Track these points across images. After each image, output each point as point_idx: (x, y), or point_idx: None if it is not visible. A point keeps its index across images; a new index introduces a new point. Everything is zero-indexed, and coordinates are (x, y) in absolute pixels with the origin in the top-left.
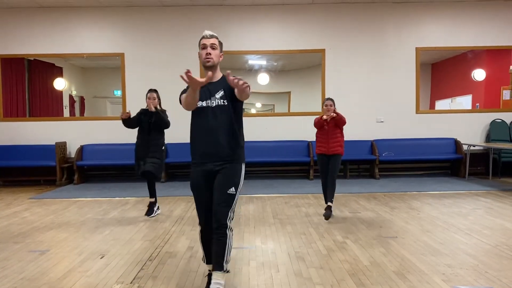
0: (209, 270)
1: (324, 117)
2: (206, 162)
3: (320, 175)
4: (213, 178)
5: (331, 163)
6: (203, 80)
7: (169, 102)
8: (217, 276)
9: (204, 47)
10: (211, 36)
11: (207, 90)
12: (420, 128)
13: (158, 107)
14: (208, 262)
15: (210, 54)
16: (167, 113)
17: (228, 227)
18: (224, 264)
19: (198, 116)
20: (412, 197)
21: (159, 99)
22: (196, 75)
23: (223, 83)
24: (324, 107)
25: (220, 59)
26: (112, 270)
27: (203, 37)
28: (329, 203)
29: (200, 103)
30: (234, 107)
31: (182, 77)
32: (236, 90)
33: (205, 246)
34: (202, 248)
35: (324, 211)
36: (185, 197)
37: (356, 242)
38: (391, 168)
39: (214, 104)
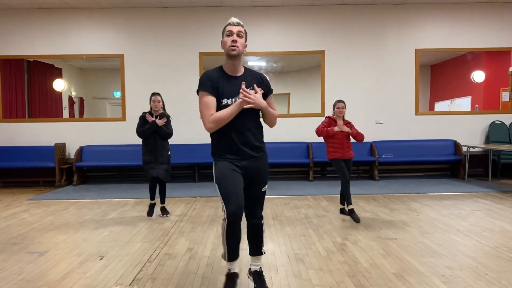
0: (229, 269)
1: (336, 129)
2: (235, 160)
3: (340, 177)
4: (243, 170)
5: (346, 166)
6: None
7: (169, 103)
8: (257, 260)
9: (229, 34)
10: (238, 24)
11: (232, 86)
12: (420, 130)
13: (161, 110)
14: (232, 259)
15: (236, 41)
16: (170, 118)
17: (262, 220)
18: (263, 248)
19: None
20: (412, 198)
21: (162, 102)
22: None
23: (251, 80)
24: (335, 109)
25: (245, 49)
26: (111, 272)
27: (228, 24)
28: (350, 206)
29: (225, 101)
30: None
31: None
32: (262, 116)
33: (232, 241)
34: (226, 244)
35: (349, 215)
36: (184, 199)
37: (356, 243)
38: (391, 170)
39: None
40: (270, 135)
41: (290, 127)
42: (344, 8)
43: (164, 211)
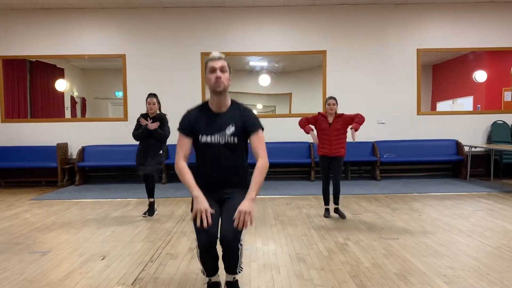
0: (209, 279)
1: (315, 140)
2: (213, 192)
3: (321, 176)
4: (221, 201)
5: (333, 165)
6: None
7: (170, 104)
8: (231, 276)
9: (212, 70)
10: (219, 58)
11: (213, 123)
12: (421, 130)
13: (157, 111)
14: (211, 275)
15: (220, 78)
16: (167, 117)
17: (240, 244)
18: (238, 269)
19: (205, 152)
20: (413, 198)
21: (159, 103)
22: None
23: (234, 115)
24: (326, 106)
25: (230, 83)
26: (113, 272)
27: (210, 60)
28: (336, 206)
29: (205, 138)
30: (244, 142)
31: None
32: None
33: (208, 263)
34: (202, 265)
35: (331, 213)
36: (186, 199)
37: (357, 243)
38: (392, 170)
39: (224, 141)
40: (272, 135)
41: (292, 127)
42: (345, 8)
43: (149, 210)
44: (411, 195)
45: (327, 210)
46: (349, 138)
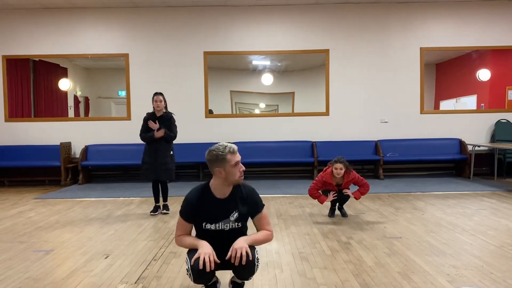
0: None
1: (330, 198)
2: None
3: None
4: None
5: (340, 194)
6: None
7: (173, 103)
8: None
9: (237, 164)
10: (237, 151)
11: (219, 209)
12: (425, 129)
13: (164, 110)
14: (207, 284)
15: (244, 170)
16: (174, 116)
17: (257, 259)
18: (249, 278)
19: (207, 236)
20: (417, 197)
21: (165, 101)
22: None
23: (237, 201)
24: (333, 169)
25: None
26: (117, 270)
27: (231, 153)
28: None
29: (209, 226)
30: (247, 222)
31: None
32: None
33: (202, 283)
34: (197, 283)
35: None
36: None
37: (360, 242)
38: (395, 169)
39: (228, 228)
40: (275, 134)
41: (295, 126)
42: (348, 7)
43: (165, 207)
44: (414, 194)
45: (332, 209)
46: (351, 138)
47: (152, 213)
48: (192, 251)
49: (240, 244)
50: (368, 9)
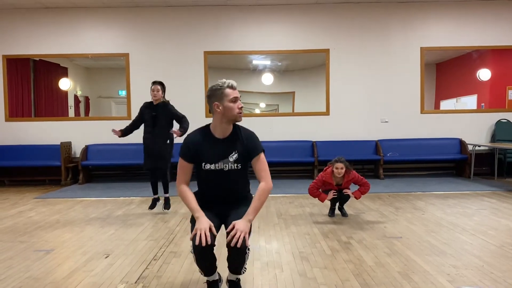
0: (207, 279)
1: (330, 196)
2: (216, 208)
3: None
4: (222, 215)
5: (343, 195)
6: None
7: (173, 103)
8: (234, 275)
9: (235, 100)
10: (236, 87)
11: (218, 149)
12: (425, 128)
13: (162, 99)
14: (209, 275)
15: (242, 107)
16: (171, 103)
17: (248, 248)
18: (242, 270)
19: (207, 176)
20: (417, 197)
21: (163, 91)
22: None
23: (236, 142)
24: (334, 169)
25: None
26: (117, 270)
27: (230, 87)
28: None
29: (209, 166)
30: (247, 165)
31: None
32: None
33: (205, 265)
34: (199, 267)
35: (335, 212)
36: None
37: (361, 242)
38: (396, 168)
39: (227, 168)
40: (275, 133)
41: (295, 125)
42: (348, 7)
43: (166, 204)
44: (414, 194)
45: (333, 209)
46: (352, 138)
47: (150, 208)
48: (193, 225)
49: (242, 227)
50: (368, 8)
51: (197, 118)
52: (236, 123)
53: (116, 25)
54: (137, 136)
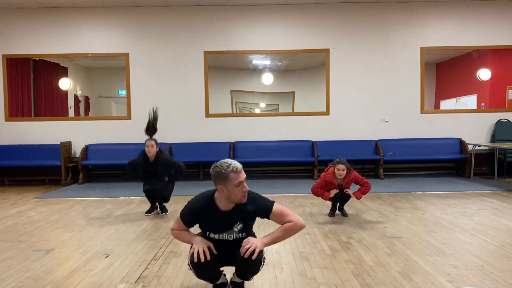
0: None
1: (333, 193)
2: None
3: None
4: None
5: (344, 195)
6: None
7: (174, 102)
8: (240, 279)
9: (240, 184)
10: (242, 170)
11: (221, 221)
12: (425, 128)
13: (155, 155)
14: (214, 282)
15: (247, 190)
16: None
17: (263, 259)
18: (250, 278)
19: (211, 241)
20: (417, 197)
21: (157, 146)
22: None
23: (241, 213)
24: (335, 170)
25: None
26: (117, 270)
27: (235, 171)
28: (340, 207)
29: (213, 235)
30: (252, 226)
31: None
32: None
33: (208, 278)
34: (203, 280)
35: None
36: (189, 197)
37: (361, 242)
38: (396, 168)
39: (232, 238)
40: (275, 133)
41: (295, 125)
42: (348, 6)
43: (162, 209)
44: (414, 194)
45: (333, 209)
46: (352, 137)
47: (147, 214)
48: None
49: (256, 242)
50: (368, 8)
51: (197, 118)
52: None
53: (116, 25)
54: (137, 136)
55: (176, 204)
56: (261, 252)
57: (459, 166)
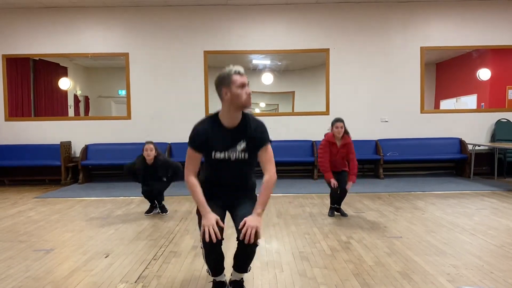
0: (214, 279)
1: (333, 183)
2: (221, 200)
3: (331, 190)
4: (227, 205)
5: (341, 176)
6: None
7: (173, 102)
8: (239, 275)
9: (243, 85)
10: (244, 74)
11: (225, 139)
12: (425, 128)
13: (153, 158)
14: (216, 275)
15: (251, 94)
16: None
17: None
18: (248, 267)
19: (215, 165)
20: (417, 197)
21: (156, 149)
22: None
23: (245, 131)
24: (334, 128)
25: None
26: (117, 269)
27: (237, 73)
28: (338, 207)
29: (218, 154)
30: (254, 155)
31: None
32: None
33: (213, 262)
34: (208, 265)
35: (335, 212)
36: (189, 197)
37: (361, 242)
38: (396, 168)
39: (234, 157)
40: (275, 133)
41: (295, 125)
42: (348, 6)
43: (162, 208)
44: (414, 194)
45: (332, 209)
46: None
47: (146, 214)
48: (199, 217)
49: (253, 223)
50: (368, 8)
51: (197, 118)
52: (245, 111)
53: (116, 25)
54: (137, 136)
55: (176, 204)
56: (255, 247)
57: (459, 166)
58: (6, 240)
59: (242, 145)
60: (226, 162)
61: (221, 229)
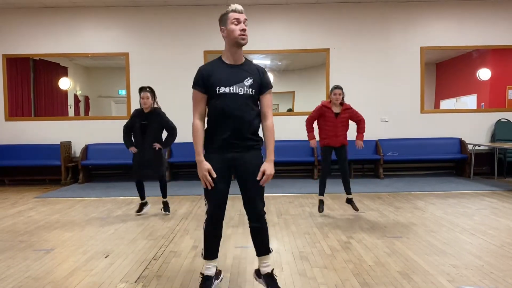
0: (203, 273)
1: (313, 144)
2: (226, 151)
3: (322, 167)
4: (233, 166)
5: (340, 154)
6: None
7: (173, 101)
8: (265, 260)
9: (238, 21)
10: (242, 11)
11: (230, 74)
12: (425, 128)
13: (152, 106)
14: (208, 257)
15: (246, 30)
16: (162, 109)
17: (265, 215)
18: (270, 246)
19: (221, 102)
20: (417, 197)
21: (153, 97)
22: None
23: (251, 69)
24: (332, 95)
25: None
26: (117, 269)
27: (233, 11)
28: (348, 196)
29: (223, 89)
30: (258, 99)
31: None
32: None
33: (211, 240)
34: (204, 242)
35: (349, 205)
36: (189, 197)
37: (361, 242)
38: (396, 168)
39: (242, 92)
40: (275, 133)
41: (295, 125)
42: (349, 6)
43: (165, 207)
44: (414, 194)
45: (322, 202)
46: (351, 137)
47: (137, 213)
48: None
49: (269, 171)
50: (368, 8)
51: None
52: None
53: (116, 25)
54: None
55: (177, 204)
56: (263, 218)
57: (459, 166)
58: (6, 240)
59: (249, 81)
60: (234, 98)
61: (223, 204)
